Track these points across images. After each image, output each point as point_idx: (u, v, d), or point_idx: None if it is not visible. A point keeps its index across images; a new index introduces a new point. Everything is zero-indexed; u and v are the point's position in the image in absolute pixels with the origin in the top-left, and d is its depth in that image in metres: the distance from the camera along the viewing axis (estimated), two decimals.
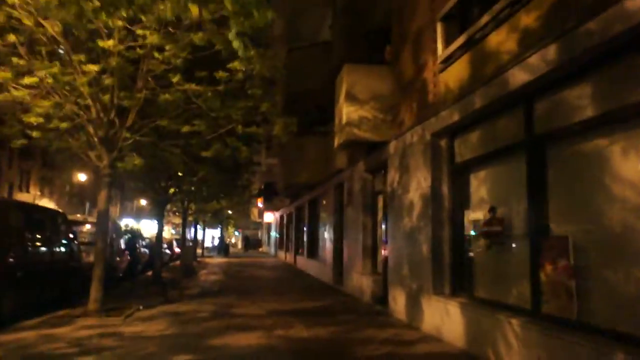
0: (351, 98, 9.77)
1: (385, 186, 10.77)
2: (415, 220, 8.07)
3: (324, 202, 17.06)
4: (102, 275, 8.70)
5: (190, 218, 28.45)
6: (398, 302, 8.67)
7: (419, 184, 7.98)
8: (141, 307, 9.35)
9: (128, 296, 11.19)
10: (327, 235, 16.09)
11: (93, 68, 6.69)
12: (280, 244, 33.23)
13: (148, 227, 57.58)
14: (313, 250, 19.71)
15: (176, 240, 29.60)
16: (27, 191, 36.50)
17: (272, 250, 39.92)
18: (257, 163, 20.98)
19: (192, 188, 14.91)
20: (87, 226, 13.55)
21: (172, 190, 14.99)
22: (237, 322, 8.06)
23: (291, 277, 17.83)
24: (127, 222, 50.70)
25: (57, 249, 9.74)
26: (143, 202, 29.02)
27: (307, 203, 20.36)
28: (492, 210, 6.25)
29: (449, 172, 7.47)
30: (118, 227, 14.56)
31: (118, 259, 13.49)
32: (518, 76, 5.27)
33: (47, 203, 38.05)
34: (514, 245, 5.93)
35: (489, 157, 6.49)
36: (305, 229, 21.34)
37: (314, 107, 16.93)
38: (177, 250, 27.61)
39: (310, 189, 18.89)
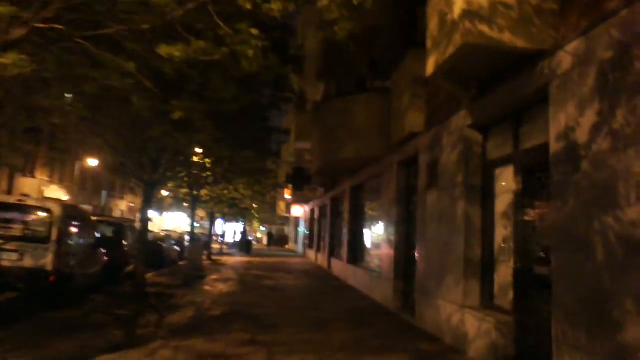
0: None
1: (517, 149, 5.87)
2: None
3: (378, 187, 12.16)
4: None
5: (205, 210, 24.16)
6: None
7: None
8: None
9: (71, 326, 6.65)
10: (383, 234, 11.21)
11: None
12: (310, 242, 28.38)
13: (174, 221, 52.67)
14: (356, 254, 14.83)
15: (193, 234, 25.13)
16: (33, 176, 32.14)
17: (300, 248, 35.18)
18: (284, 130, 16.02)
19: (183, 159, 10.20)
20: (39, 214, 9.01)
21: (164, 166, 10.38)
22: None
23: (328, 291, 12.97)
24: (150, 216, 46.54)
25: None
26: (165, 192, 23.58)
27: (349, 191, 15.44)
28: None
29: None
30: (79, 214, 9.98)
31: (73, 262, 8.92)
32: None
33: (55, 191, 34.01)
34: None
35: None
36: (345, 225, 16.40)
37: (367, 61, 12.11)
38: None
39: (353, 173, 14.05)
